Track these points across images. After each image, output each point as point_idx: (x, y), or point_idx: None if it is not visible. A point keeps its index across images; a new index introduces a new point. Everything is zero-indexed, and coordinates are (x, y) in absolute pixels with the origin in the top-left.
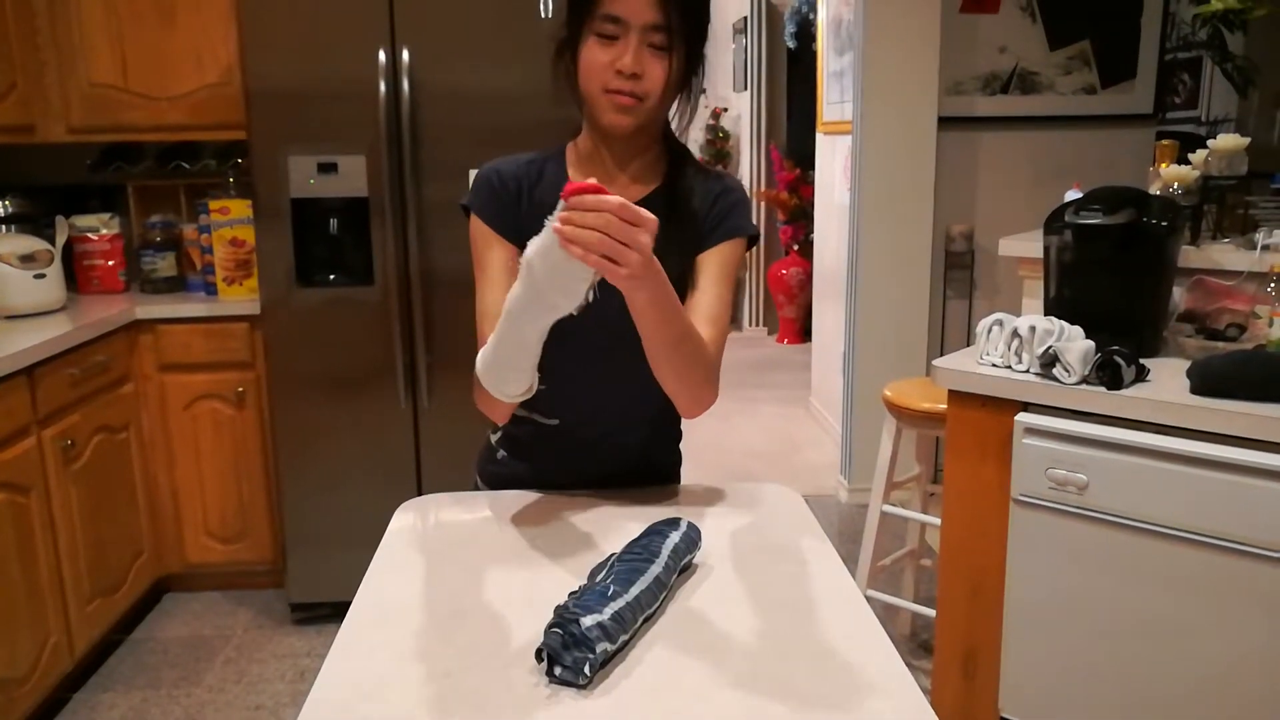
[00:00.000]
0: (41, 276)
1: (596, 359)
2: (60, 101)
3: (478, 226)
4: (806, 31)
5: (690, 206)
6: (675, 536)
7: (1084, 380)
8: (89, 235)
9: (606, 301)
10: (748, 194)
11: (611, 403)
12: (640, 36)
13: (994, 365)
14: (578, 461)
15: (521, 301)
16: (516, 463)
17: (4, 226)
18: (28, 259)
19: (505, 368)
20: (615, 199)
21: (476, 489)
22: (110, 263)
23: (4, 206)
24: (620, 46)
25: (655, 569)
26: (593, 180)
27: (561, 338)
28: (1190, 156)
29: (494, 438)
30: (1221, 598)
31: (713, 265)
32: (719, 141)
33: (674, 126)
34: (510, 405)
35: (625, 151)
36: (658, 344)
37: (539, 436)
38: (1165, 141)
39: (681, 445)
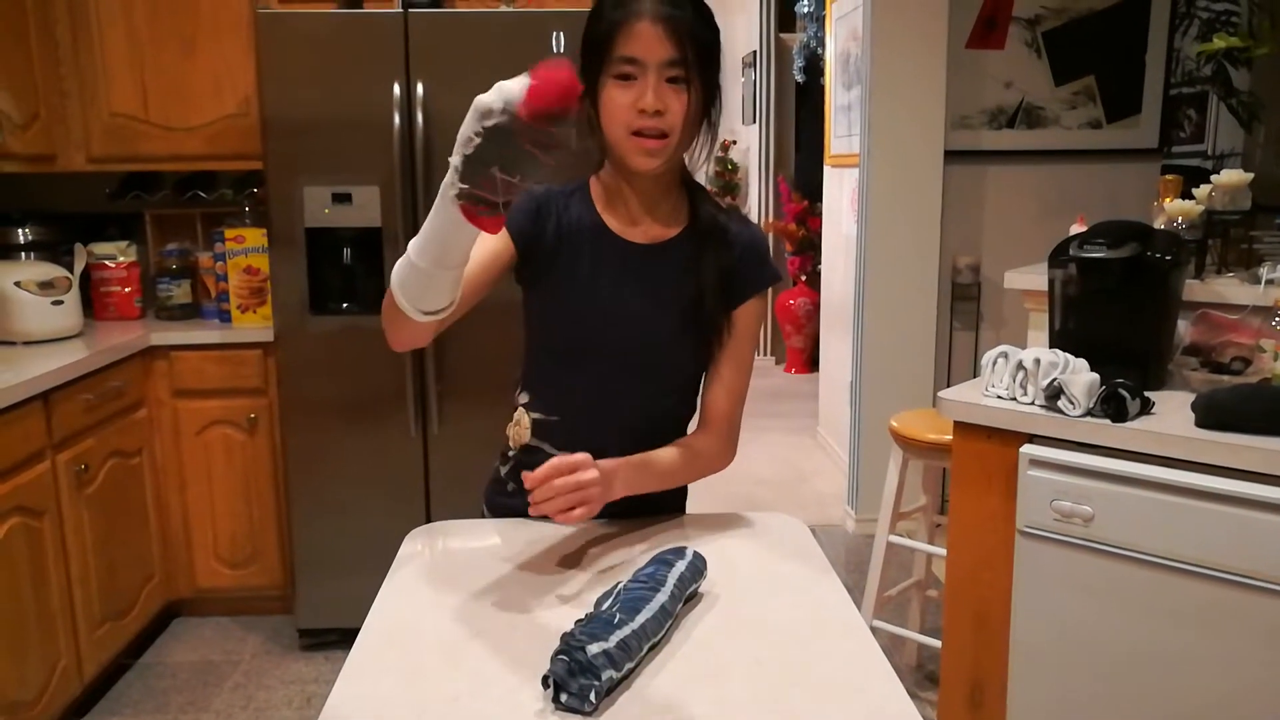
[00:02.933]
0: (59, 303)
1: (608, 392)
2: (81, 131)
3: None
4: (815, 66)
5: (718, 249)
6: (681, 565)
7: (1089, 413)
8: (106, 263)
9: (620, 334)
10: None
11: (621, 435)
12: (658, 74)
13: (999, 397)
14: None
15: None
16: (526, 494)
17: (24, 254)
18: (46, 286)
19: (431, 268)
20: (541, 469)
21: (484, 519)
22: (127, 290)
23: (24, 234)
24: (640, 86)
25: (661, 598)
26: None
27: (574, 369)
28: (1194, 191)
29: (503, 470)
30: (1226, 631)
31: (740, 324)
32: (728, 174)
33: (696, 158)
34: (421, 328)
35: (651, 191)
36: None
37: None
38: (1169, 176)
39: None
